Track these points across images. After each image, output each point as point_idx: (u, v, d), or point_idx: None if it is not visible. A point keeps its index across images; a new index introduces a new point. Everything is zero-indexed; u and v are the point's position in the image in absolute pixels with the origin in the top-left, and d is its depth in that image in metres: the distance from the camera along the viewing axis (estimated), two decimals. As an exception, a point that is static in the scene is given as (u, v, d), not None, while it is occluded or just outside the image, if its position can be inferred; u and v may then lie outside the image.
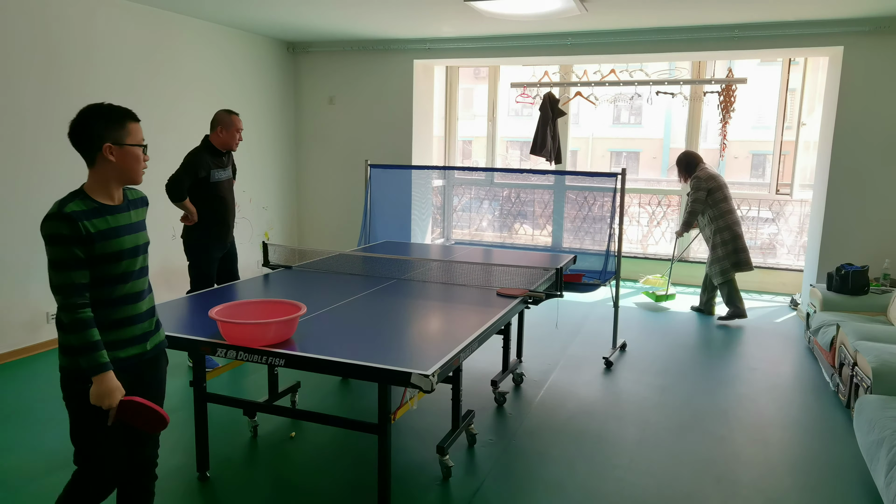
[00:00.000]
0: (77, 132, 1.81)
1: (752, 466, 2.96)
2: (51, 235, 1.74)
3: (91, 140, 1.81)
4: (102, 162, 1.83)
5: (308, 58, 6.72)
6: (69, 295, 1.75)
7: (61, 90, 4.38)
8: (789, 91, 6.49)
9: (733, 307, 5.32)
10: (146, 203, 2.05)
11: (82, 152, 1.84)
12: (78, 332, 1.76)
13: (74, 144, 1.83)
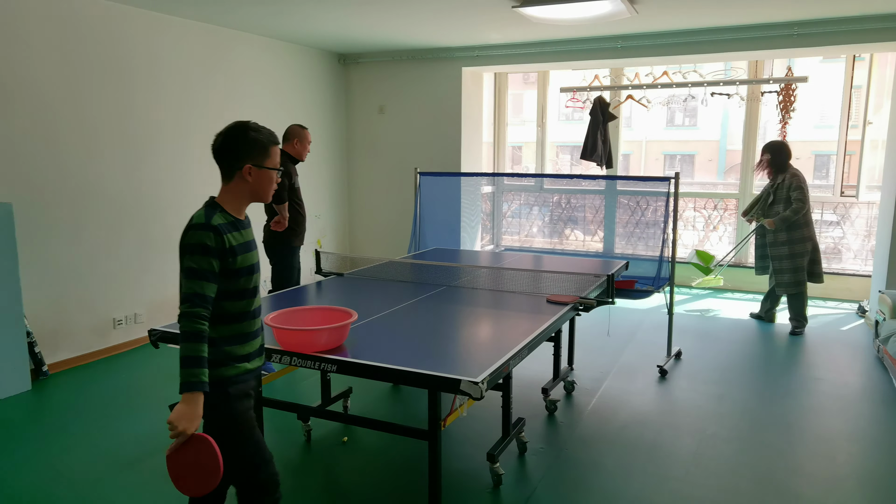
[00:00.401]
0: (222, 148, 1.87)
1: (816, 482, 2.84)
2: (195, 245, 1.77)
3: (235, 158, 1.86)
4: (239, 180, 1.88)
5: (358, 68, 6.85)
6: (196, 304, 1.76)
7: (128, 105, 4.60)
8: (854, 88, 6.21)
9: (803, 320, 5.03)
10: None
11: (222, 167, 1.89)
12: (192, 343, 1.74)
13: (217, 158, 1.89)
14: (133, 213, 4.69)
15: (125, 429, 3.37)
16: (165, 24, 4.83)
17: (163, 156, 4.90)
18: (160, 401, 3.75)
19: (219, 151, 1.88)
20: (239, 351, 1.90)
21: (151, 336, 2.61)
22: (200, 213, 1.83)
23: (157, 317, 4.90)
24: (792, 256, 4.90)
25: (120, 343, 4.67)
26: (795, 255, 4.89)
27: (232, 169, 1.88)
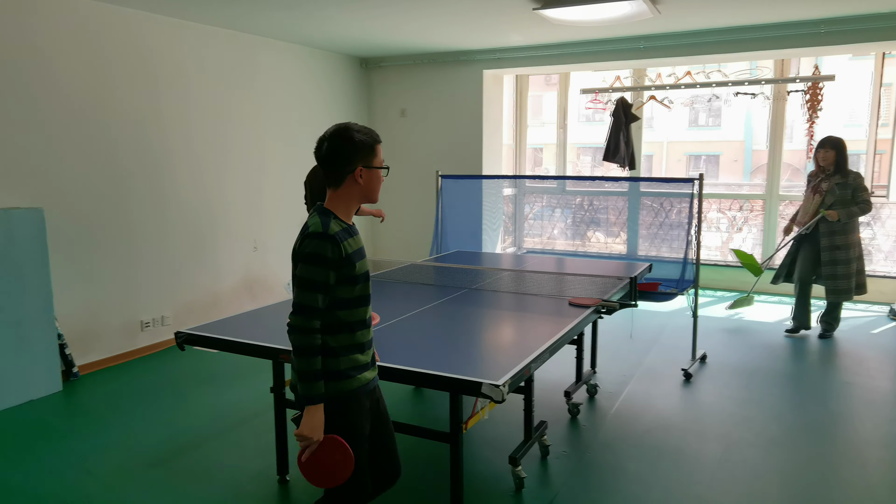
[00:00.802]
0: (334, 154, 1.82)
1: (847, 488, 2.78)
2: (313, 255, 1.75)
3: (347, 162, 1.82)
4: (351, 183, 1.84)
5: (380, 72, 6.89)
6: (311, 317, 1.75)
7: (155, 112, 4.69)
8: (884, 87, 6.08)
9: (836, 323, 4.93)
10: None
11: (333, 173, 1.84)
12: (308, 357, 1.74)
13: (327, 164, 1.84)
14: (160, 218, 4.78)
15: (153, 429, 3.43)
16: (190, 30, 4.92)
17: (189, 161, 4.98)
18: (186, 401, 3.81)
19: (328, 157, 1.83)
20: (360, 360, 1.86)
21: (178, 338, 2.65)
22: (317, 222, 1.79)
23: (184, 319, 4.98)
24: (850, 261, 4.65)
25: (148, 345, 4.75)
26: (853, 260, 4.66)
27: (343, 173, 1.83)
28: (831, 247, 4.65)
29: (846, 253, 4.63)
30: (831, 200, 4.61)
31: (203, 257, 5.14)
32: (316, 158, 1.85)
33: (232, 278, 5.41)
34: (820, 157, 4.65)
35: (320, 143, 1.84)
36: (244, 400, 3.81)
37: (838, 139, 4.64)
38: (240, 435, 3.35)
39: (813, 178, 4.78)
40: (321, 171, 1.86)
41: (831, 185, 4.60)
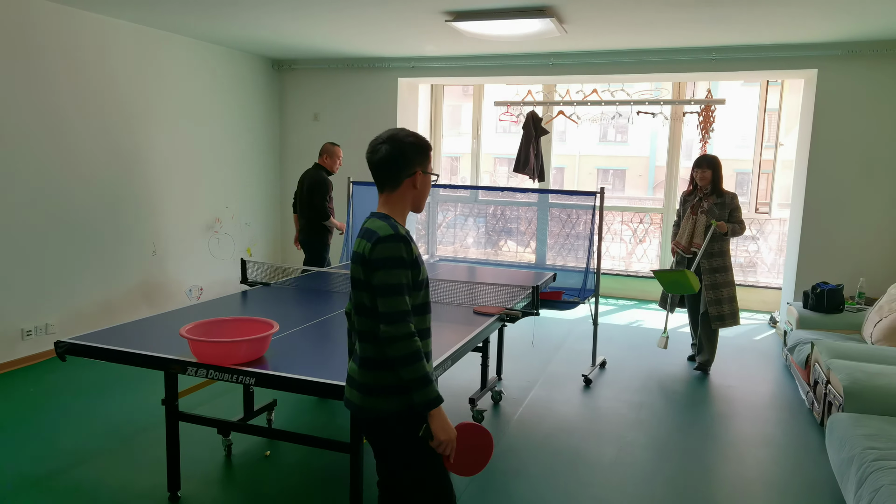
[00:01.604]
0: (395, 158, 1.74)
1: (726, 484, 2.98)
2: (392, 258, 1.67)
3: (407, 167, 1.75)
4: (407, 188, 1.78)
5: (293, 75, 6.76)
6: (406, 321, 1.67)
7: (47, 105, 4.37)
8: (768, 112, 6.61)
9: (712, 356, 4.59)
10: None
11: (389, 176, 1.76)
12: (415, 364, 1.66)
13: (384, 167, 1.75)
14: (47, 216, 4.46)
15: (30, 446, 3.18)
16: (89, 21, 4.63)
17: (82, 157, 4.68)
18: (70, 416, 3.56)
19: (388, 161, 1.74)
20: (429, 369, 1.75)
21: (58, 349, 2.48)
22: (384, 225, 1.71)
23: (71, 327, 4.66)
24: (730, 284, 4.41)
25: (29, 355, 4.41)
26: (730, 284, 4.41)
27: (401, 177, 1.76)
28: (711, 269, 4.38)
29: (724, 276, 4.39)
30: (713, 219, 4.41)
31: (95, 260, 4.83)
32: (370, 162, 1.77)
33: (127, 284, 5.12)
34: (698, 176, 4.41)
35: (377, 146, 1.76)
36: (134, 413, 3.61)
37: (714, 158, 4.46)
38: (128, 451, 3.17)
39: (689, 197, 4.51)
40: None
41: (710, 205, 4.37)
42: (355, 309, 1.79)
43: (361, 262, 1.73)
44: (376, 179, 1.80)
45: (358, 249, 1.76)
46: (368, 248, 1.71)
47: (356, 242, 1.78)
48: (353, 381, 1.81)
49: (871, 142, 5.16)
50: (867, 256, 5.24)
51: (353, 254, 1.79)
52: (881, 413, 2.88)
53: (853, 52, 5.07)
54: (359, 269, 1.75)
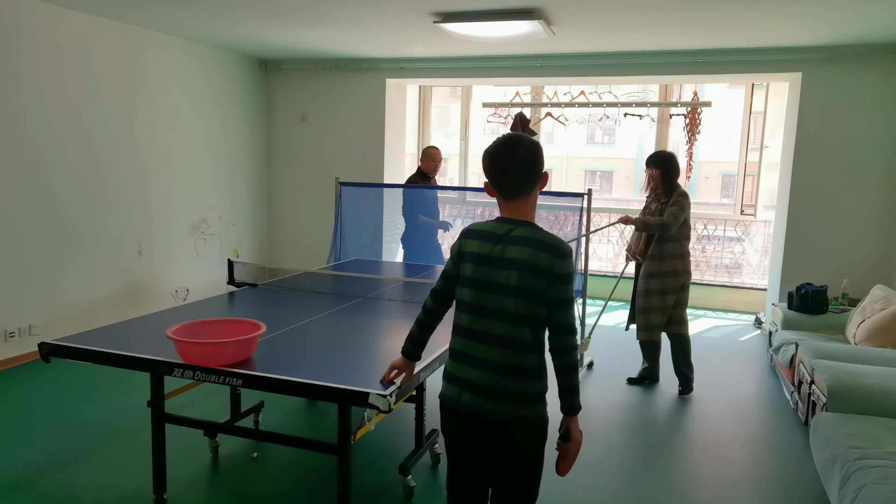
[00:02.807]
0: (533, 160, 1.76)
1: (712, 484, 3.00)
2: (572, 274, 1.75)
3: (541, 169, 1.80)
4: (535, 195, 1.82)
5: (280, 75, 6.73)
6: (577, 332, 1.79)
7: (25, 104, 4.32)
8: (753, 114, 6.67)
9: (653, 365, 4.33)
10: None
11: (526, 182, 1.77)
12: (577, 372, 1.81)
13: (523, 172, 1.76)
14: (29, 218, 4.40)
15: (12, 448, 3.13)
16: (71, 19, 4.59)
17: (66, 157, 4.63)
18: (54, 418, 3.51)
19: (530, 165, 1.75)
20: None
21: (42, 350, 2.46)
22: (556, 238, 1.75)
23: (55, 328, 4.60)
24: (662, 292, 3.99)
25: (12, 357, 4.35)
26: (666, 292, 3.99)
27: (535, 182, 1.79)
28: (645, 274, 4.02)
29: (654, 282, 3.98)
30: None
31: (80, 261, 4.78)
32: (510, 162, 1.75)
33: (112, 285, 5.07)
34: (646, 175, 4.06)
35: (516, 147, 1.75)
36: (119, 415, 3.58)
37: (666, 155, 4.06)
38: (113, 453, 3.14)
39: (647, 197, 4.17)
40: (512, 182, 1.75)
41: (659, 206, 4.02)
42: (501, 315, 1.74)
43: (546, 275, 1.71)
44: (513, 187, 1.77)
45: (534, 260, 1.71)
46: (554, 262, 1.70)
47: (527, 252, 1.72)
48: (491, 390, 1.76)
49: (855, 144, 5.23)
50: (850, 258, 5.31)
51: (511, 261, 1.73)
52: (864, 412, 2.92)
53: (837, 55, 5.13)
54: (534, 279, 1.71)
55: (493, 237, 1.77)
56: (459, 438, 1.87)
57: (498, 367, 1.75)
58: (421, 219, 5.09)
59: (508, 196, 1.79)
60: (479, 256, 1.77)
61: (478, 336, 1.78)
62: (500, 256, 1.75)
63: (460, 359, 1.82)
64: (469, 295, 1.80)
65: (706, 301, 6.68)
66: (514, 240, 1.74)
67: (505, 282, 1.73)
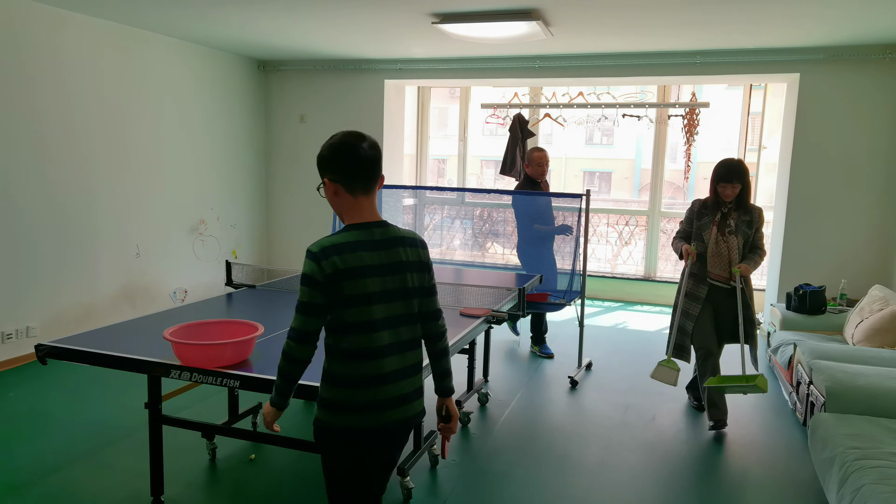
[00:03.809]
0: (380, 156, 1.75)
1: (710, 484, 3.00)
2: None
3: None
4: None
5: (279, 76, 6.73)
6: None
7: (28, 107, 4.31)
8: (751, 115, 6.68)
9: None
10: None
11: (378, 177, 1.73)
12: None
13: (377, 166, 1.71)
14: (28, 218, 4.40)
15: (10, 451, 3.13)
16: (69, 21, 4.58)
17: (64, 159, 4.62)
18: (51, 421, 3.51)
19: (379, 158, 1.71)
20: None
21: (39, 352, 2.45)
22: (413, 231, 1.84)
23: (53, 330, 4.59)
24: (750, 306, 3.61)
25: (9, 359, 4.34)
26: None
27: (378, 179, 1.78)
28: (745, 304, 3.54)
29: (751, 309, 3.63)
30: (741, 244, 3.53)
31: (78, 263, 4.77)
32: (369, 157, 1.67)
33: (110, 286, 5.06)
34: (726, 191, 3.48)
35: (372, 144, 1.69)
36: (117, 417, 3.57)
37: (745, 168, 3.49)
38: (110, 455, 3.13)
39: (705, 209, 3.59)
40: (367, 173, 1.67)
41: (737, 222, 3.51)
42: (406, 320, 1.72)
43: (426, 269, 1.78)
44: (369, 178, 1.68)
45: (413, 258, 1.72)
46: (425, 253, 1.77)
47: (403, 252, 1.70)
48: (416, 393, 1.78)
49: (853, 145, 5.23)
50: (849, 258, 5.31)
51: (406, 263, 1.70)
52: (862, 413, 2.92)
53: (835, 56, 5.14)
54: (421, 276, 1.75)
55: (376, 245, 1.67)
56: (376, 456, 1.74)
57: (414, 368, 1.76)
58: (536, 227, 4.76)
59: (368, 192, 1.69)
60: (375, 268, 1.65)
61: (398, 347, 1.70)
62: (391, 262, 1.68)
63: (387, 379, 1.68)
64: (372, 312, 1.64)
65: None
66: (393, 242, 1.69)
67: (403, 286, 1.70)
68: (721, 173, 3.49)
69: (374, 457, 1.74)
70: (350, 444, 1.69)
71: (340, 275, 1.60)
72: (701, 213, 3.61)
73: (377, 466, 1.76)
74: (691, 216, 3.66)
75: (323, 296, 1.61)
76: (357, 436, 1.68)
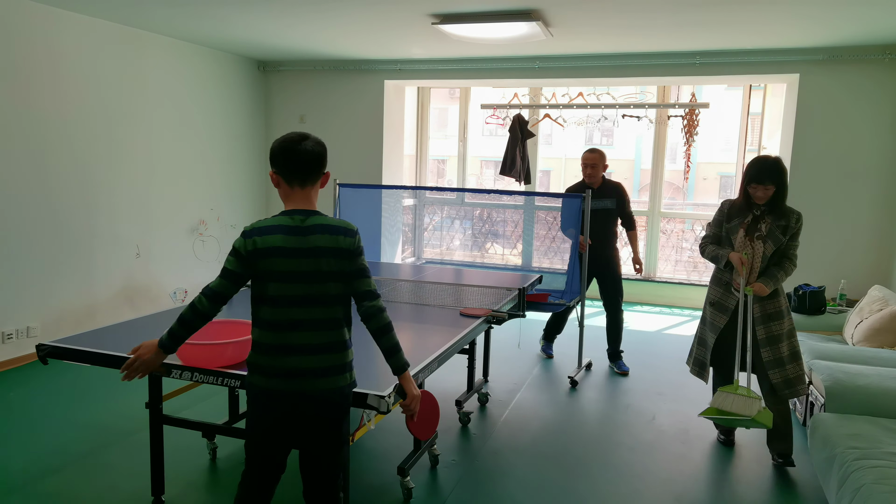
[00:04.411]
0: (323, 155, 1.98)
1: (710, 485, 3.00)
2: (362, 248, 2.00)
3: (325, 165, 2.02)
4: (317, 187, 2.03)
5: (279, 76, 6.74)
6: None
7: (26, 106, 4.32)
8: (751, 115, 6.68)
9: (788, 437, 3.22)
10: None
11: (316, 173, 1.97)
12: (394, 331, 1.98)
13: (315, 162, 1.95)
14: (28, 219, 4.40)
15: (10, 451, 3.13)
16: (68, 21, 4.58)
17: (65, 160, 4.62)
18: (51, 421, 3.51)
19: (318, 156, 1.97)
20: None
21: (40, 351, 2.45)
22: (345, 221, 1.97)
23: (53, 330, 4.60)
24: (791, 335, 3.13)
25: (10, 359, 4.34)
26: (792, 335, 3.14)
27: (320, 175, 2.01)
28: (764, 316, 3.10)
29: (781, 324, 3.11)
30: (770, 251, 3.09)
31: (78, 263, 4.78)
32: (297, 154, 1.89)
33: (110, 286, 5.06)
34: (758, 192, 3.06)
35: (301, 141, 1.91)
36: (117, 417, 3.57)
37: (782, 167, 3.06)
38: (111, 455, 3.13)
39: (736, 211, 3.18)
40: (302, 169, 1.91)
41: (770, 227, 3.09)
42: (315, 300, 1.88)
43: (346, 255, 1.90)
44: (305, 174, 1.92)
45: (330, 245, 1.88)
46: (348, 241, 1.90)
47: (321, 238, 1.88)
48: (326, 371, 1.90)
49: (853, 145, 5.24)
50: (848, 259, 5.31)
51: (321, 249, 1.87)
52: (862, 413, 2.92)
53: (835, 56, 5.15)
54: (340, 262, 1.90)
55: (295, 230, 1.87)
56: (273, 418, 1.93)
57: (326, 346, 1.89)
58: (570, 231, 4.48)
59: (304, 184, 1.93)
60: (287, 250, 1.85)
61: (309, 324, 1.88)
62: (307, 247, 1.86)
63: (280, 350, 1.88)
64: (283, 288, 1.86)
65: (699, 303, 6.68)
66: (313, 229, 1.88)
67: (316, 269, 1.87)
68: (752, 173, 3.05)
69: (270, 420, 1.92)
70: (255, 401, 1.93)
71: (258, 253, 1.85)
72: (730, 214, 3.19)
73: (270, 430, 1.93)
74: (721, 218, 3.24)
75: (242, 268, 1.88)
76: (262, 397, 1.91)
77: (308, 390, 1.88)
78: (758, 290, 3.06)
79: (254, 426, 1.95)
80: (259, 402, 1.92)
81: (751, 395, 2.85)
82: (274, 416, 1.91)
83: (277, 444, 1.96)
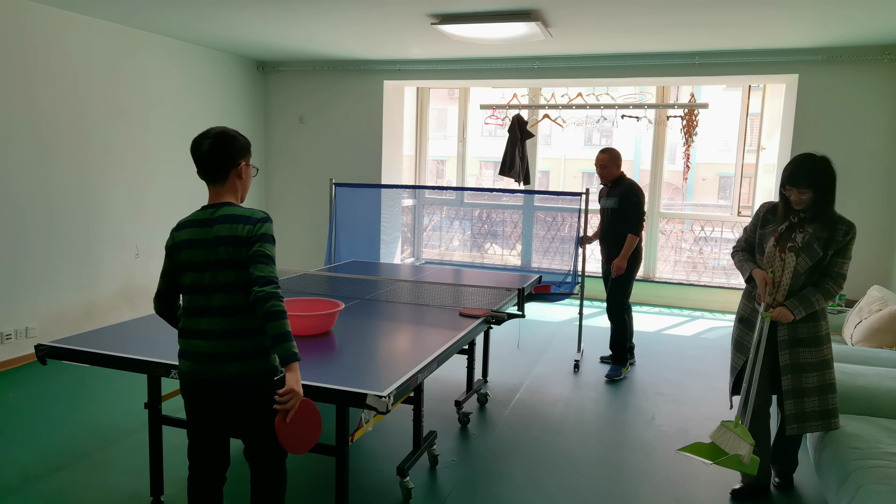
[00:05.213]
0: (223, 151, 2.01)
1: (709, 485, 3.00)
2: (271, 235, 2.00)
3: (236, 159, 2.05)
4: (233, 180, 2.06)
5: (278, 77, 6.73)
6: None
7: (28, 105, 4.31)
8: (750, 116, 6.69)
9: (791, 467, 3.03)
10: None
11: (223, 169, 2.03)
12: (285, 319, 1.88)
13: (217, 160, 2.01)
14: (28, 219, 4.39)
15: (9, 452, 3.12)
16: (71, 22, 4.58)
17: (64, 159, 4.62)
18: (50, 421, 3.50)
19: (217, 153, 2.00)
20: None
21: (38, 352, 2.45)
22: (254, 210, 2.00)
23: (52, 331, 4.59)
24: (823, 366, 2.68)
25: (9, 359, 4.34)
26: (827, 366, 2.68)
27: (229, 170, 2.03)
28: (790, 341, 2.68)
29: (814, 352, 2.66)
30: (804, 267, 2.62)
31: (77, 263, 4.77)
32: (201, 153, 1.97)
33: (110, 287, 5.06)
34: (793, 196, 2.63)
35: (201, 141, 1.99)
36: (116, 418, 3.57)
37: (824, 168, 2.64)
38: (110, 455, 3.13)
39: (773, 216, 2.76)
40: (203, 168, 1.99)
41: (808, 238, 2.62)
42: (218, 288, 1.93)
43: (243, 242, 1.92)
44: (207, 170, 1.99)
45: (227, 234, 1.92)
46: (248, 228, 1.93)
47: (220, 228, 1.93)
48: (233, 356, 1.94)
49: (851, 145, 5.24)
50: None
51: (219, 238, 1.92)
52: (862, 413, 2.92)
53: (834, 57, 5.15)
54: (237, 250, 1.92)
55: (202, 223, 1.96)
56: (194, 403, 2.02)
57: (230, 332, 1.93)
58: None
59: (213, 181, 2.00)
60: (193, 242, 1.95)
61: (212, 311, 1.94)
62: (209, 237, 1.94)
63: (191, 335, 1.98)
64: (190, 277, 1.96)
65: (704, 303, 6.69)
66: (218, 220, 1.96)
67: (214, 258, 1.93)
68: (787, 173, 2.63)
69: (193, 404, 2.02)
70: (181, 387, 2.05)
71: (174, 247, 1.99)
72: (766, 219, 2.76)
73: (197, 415, 2.03)
74: (756, 222, 2.81)
75: (168, 263, 2.02)
76: (184, 382, 2.02)
77: (218, 375, 1.94)
78: (778, 315, 2.61)
79: (186, 414, 2.06)
80: (183, 388, 2.03)
81: (746, 437, 2.56)
82: (197, 401, 2.00)
83: (207, 431, 2.03)
